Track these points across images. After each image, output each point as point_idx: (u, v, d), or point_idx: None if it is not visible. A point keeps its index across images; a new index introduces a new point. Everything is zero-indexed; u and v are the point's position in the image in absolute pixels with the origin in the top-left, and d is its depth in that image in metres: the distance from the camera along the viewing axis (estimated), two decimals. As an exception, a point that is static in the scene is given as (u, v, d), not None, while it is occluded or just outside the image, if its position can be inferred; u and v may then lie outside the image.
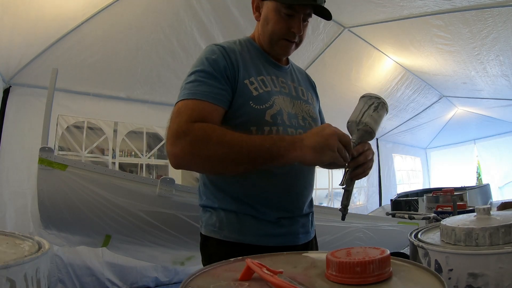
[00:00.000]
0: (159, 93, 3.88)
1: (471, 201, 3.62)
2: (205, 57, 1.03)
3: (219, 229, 1.04)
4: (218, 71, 1.00)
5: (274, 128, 1.02)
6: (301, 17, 1.05)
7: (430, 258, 0.62)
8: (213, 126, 0.92)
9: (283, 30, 1.06)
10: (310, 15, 1.07)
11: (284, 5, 1.02)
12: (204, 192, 1.11)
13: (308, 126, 1.12)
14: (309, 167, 1.11)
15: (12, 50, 2.87)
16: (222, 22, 3.34)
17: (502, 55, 3.98)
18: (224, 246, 1.03)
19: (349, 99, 5.42)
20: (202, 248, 1.10)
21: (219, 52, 1.03)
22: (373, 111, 0.97)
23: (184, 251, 1.95)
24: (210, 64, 1.00)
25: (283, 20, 1.04)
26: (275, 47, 1.10)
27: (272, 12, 1.05)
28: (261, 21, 1.10)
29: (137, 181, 1.70)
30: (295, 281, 0.49)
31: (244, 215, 1.03)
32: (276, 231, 1.04)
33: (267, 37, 1.09)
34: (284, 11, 1.03)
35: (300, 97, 1.16)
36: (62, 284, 3.25)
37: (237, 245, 1.02)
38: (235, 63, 1.03)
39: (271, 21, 1.06)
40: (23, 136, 3.12)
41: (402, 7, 3.39)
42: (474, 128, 7.46)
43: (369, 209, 6.06)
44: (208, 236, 1.06)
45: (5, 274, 0.46)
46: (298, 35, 1.07)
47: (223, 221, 1.04)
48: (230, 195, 1.04)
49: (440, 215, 2.38)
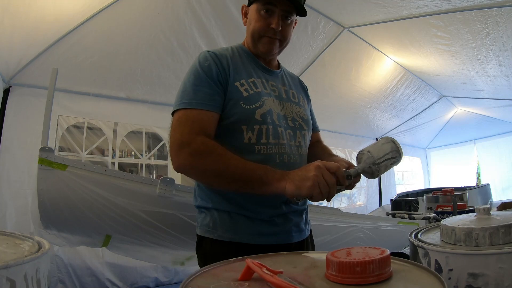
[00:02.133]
0: (159, 93, 3.88)
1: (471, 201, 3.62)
2: (198, 64, 1.09)
3: (213, 228, 1.07)
4: (211, 77, 1.06)
5: (264, 127, 1.06)
6: (279, 13, 1.10)
7: (430, 258, 0.62)
8: (215, 144, 0.98)
9: (263, 27, 1.11)
10: (290, 12, 1.12)
11: (261, 3, 1.10)
12: (199, 194, 1.14)
13: (299, 127, 1.16)
14: (303, 164, 1.13)
15: (12, 50, 2.87)
16: (222, 22, 3.34)
17: (502, 55, 3.99)
18: (218, 245, 1.06)
19: (349, 99, 5.44)
20: (197, 248, 1.13)
21: (211, 58, 1.09)
22: (391, 163, 1.02)
23: (184, 251, 1.95)
24: (204, 71, 1.06)
25: (262, 18, 1.11)
26: (258, 45, 1.15)
27: (253, 13, 1.13)
28: (247, 24, 1.18)
29: (137, 181, 1.70)
30: (295, 281, 0.49)
31: (237, 215, 1.06)
32: (269, 230, 1.07)
33: (250, 36, 1.16)
34: (263, 10, 1.10)
35: (291, 99, 1.20)
36: (62, 284, 3.25)
37: (231, 244, 1.05)
38: (226, 68, 1.09)
39: (253, 21, 1.13)
40: (23, 136, 3.12)
41: (401, 7, 3.40)
42: (474, 128, 7.46)
43: (369, 209, 6.07)
44: (203, 236, 1.10)
45: (5, 274, 0.46)
46: (277, 30, 1.11)
47: (217, 221, 1.07)
48: (223, 196, 1.08)
49: (440, 215, 2.39)
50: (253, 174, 0.94)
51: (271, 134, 1.07)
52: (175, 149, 0.99)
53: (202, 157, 0.96)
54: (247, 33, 1.18)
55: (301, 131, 1.17)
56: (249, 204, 1.06)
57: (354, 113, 5.87)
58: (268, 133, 1.06)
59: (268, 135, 1.07)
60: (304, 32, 3.84)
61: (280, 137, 1.09)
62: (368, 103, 5.61)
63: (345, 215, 2.32)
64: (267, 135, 1.07)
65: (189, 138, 0.98)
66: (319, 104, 5.10)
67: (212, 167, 0.97)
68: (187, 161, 0.98)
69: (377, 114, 6.15)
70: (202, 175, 1.03)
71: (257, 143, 1.05)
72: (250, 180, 0.95)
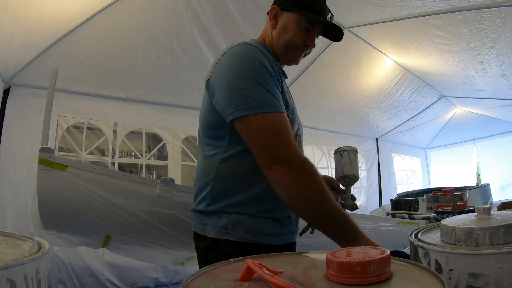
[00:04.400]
0: (159, 94, 3.88)
1: (471, 201, 3.62)
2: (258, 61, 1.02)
3: (232, 230, 1.05)
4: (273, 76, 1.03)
5: (298, 140, 1.09)
6: (316, 32, 1.15)
7: (430, 258, 0.62)
8: (316, 171, 0.96)
9: (300, 41, 1.14)
10: (321, 32, 1.18)
11: (305, 18, 1.11)
12: (210, 196, 1.09)
13: (300, 133, 1.20)
14: None
15: (12, 51, 2.87)
16: (221, 22, 3.34)
17: (502, 55, 3.99)
18: (239, 246, 1.05)
19: (349, 99, 5.44)
20: (208, 251, 1.08)
21: (264, 57, 1.04)
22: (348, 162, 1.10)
23: (184, 252, 1.95)
24: (268, 70, 1.02)
25: (301, 32, 1.13)
26: (288, 54, 1.16)
27: (293, 23, 1.12)
28: (278, 29, 1.15)
29: (137, 182, 1.70)
30: (295, 281, 0.49)
31: (256, 218, 1.06)
32: (283, 230, 1.11)
33: (283, 44, 1.15)
34: (305, 24, 1.12)
35: None
36: (62, 284, 3.25)
37: (251, 246, 1.05)
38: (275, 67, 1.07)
39: (291, 31, 1.13)
40: (23, 136, 3.12)
41: (401, 7, 3.39)
42: (473, 128, 7.45)
43: (369, 209, 6.06)
44: (218, 239, 1.06)
45: (5, 275, 0.46)
46: (310, 47, 1.17)
47: (236, 223, 1.05)
48: (239, 199, 1.06)
49: (440, 215, 2.38)
50: (341, 224, 0.92)
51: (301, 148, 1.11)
52: (272, 163, 0.94)
53: (306, 183, 0.93)
54: (277, 38, 1.14)
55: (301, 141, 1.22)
56: (268, 205, 1.07)
57: (354, 113, 5.87)
58: (301, 147, 1.11)
59: (301, 148, 1.11)
60: (304, 32, 3.83)
61: (302, 150, 1.13)
62: (368, 103, 5.61)
63: (345, 215, 2.31)
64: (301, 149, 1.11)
65: (294, 151, 0.95)
66: (319, 104, 5.11)
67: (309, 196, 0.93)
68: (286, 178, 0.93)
69: (377, 114, 6.15)
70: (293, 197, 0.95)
71: None
72: (336, 226, 0.93)
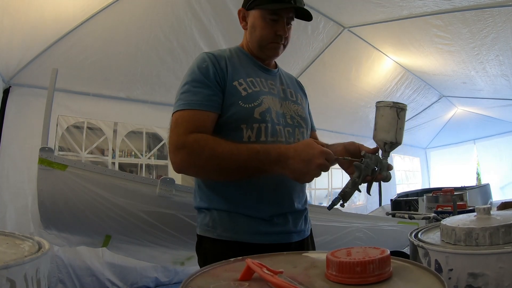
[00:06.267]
0: (159, 93, 3.88)
1: (471, 201, 3.62)
2: (196, 66, 1.11)
3: (212, 228, 1.08)
4: (209, 78, 1.07)
5: (263, 125, 1.08)
6: (284, 20, 1.14)
7: (430, 258, 0.62)
8: (206, 138, 1.00)
9: (270, 34, 1.14)
10: (292, 18, 1.16)
11: (268, 11, 1.12)
12: (198, 194, 1.16)
13: (297, 124, 1.18)
14: None
15: (12, 50, 2.87)
16: (221, 22, 3.34)
17: (502, 55, 3.99)
18: (218, 244, 1.06)
19: (349, 99, 5.43)
20: (197, 248, 1.14)
21: (208, 59, 1.11)
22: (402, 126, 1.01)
23: (184, 251, 1.95)
24: (202, 72, 1.08)
25: (269, 26, 1.14)
26: (265, 50, 1.18)
27: (258, 20, 1.14)
28: (249, 29, 1.18)
29: (137, 181, 1.70)
30: (295, 281, 0.49)
31: (236, 214, 1.07)
32: (269, 229, 1.08)
33: (256, 42, 1.17)
34: (269, 17, 1.12)
35: (289, 98, 1.22)
36: (62, 284, 3.25)
37: (231, 243, 1.05)
38: (224, 68, 1.11)
39: (258, 28, 1.15)
40: (23, 136, 3.12)
41: (401, 7, 3.40)
42: (473, 128, 7.46)
43: (369, 209, 6.05)
44: (202, 236, 1.10)
45: (5, 275, 0.46)
46: (284, 37, 1.16)
47: (216, 220, 1.08)
48: (222, 195, 1.09)
49: (440, 215, 2.39)
50: (248, 164, 0.97)
51: (269, 132, 1.08)
52: (173, 151, 1.02)
53: (197, 155, 0.99)
54: (250, 38, 1.18)
55: (300, 128, 1.18)
56: (249, 202, 1.07)
57: (354, 113, 5.87)
58: (267, 132, 1.08)
59: (267, 133, 1.08)
60: (304, 32, 3.84)
61: (278, 135, 1.10)
62: (368, 103, 5.61)
63: (345, 215, 2.31)
64: (266, 133, 1.08)
65: (184, 138, 1.00)
66: (319, 104, 5.09)
67: (208, 163, 1.00)
68: (185, 161, 1.01)
69: (377, 114, 6.15)
70: (200, 172, 1.08)
71: (257, 142, 1.06)
72: (247, 169, 0.99)
